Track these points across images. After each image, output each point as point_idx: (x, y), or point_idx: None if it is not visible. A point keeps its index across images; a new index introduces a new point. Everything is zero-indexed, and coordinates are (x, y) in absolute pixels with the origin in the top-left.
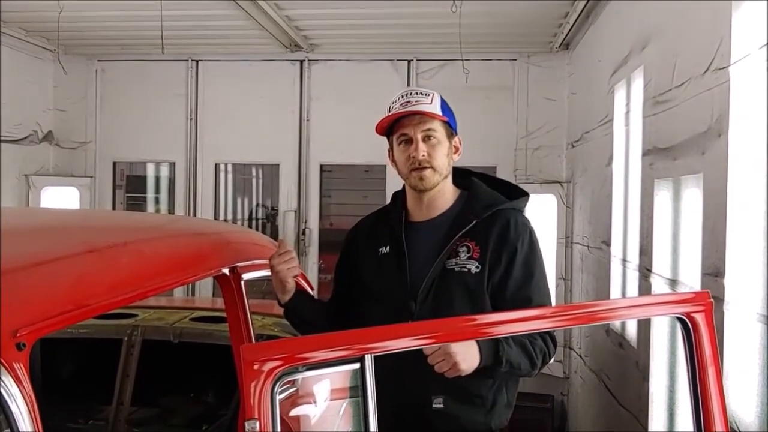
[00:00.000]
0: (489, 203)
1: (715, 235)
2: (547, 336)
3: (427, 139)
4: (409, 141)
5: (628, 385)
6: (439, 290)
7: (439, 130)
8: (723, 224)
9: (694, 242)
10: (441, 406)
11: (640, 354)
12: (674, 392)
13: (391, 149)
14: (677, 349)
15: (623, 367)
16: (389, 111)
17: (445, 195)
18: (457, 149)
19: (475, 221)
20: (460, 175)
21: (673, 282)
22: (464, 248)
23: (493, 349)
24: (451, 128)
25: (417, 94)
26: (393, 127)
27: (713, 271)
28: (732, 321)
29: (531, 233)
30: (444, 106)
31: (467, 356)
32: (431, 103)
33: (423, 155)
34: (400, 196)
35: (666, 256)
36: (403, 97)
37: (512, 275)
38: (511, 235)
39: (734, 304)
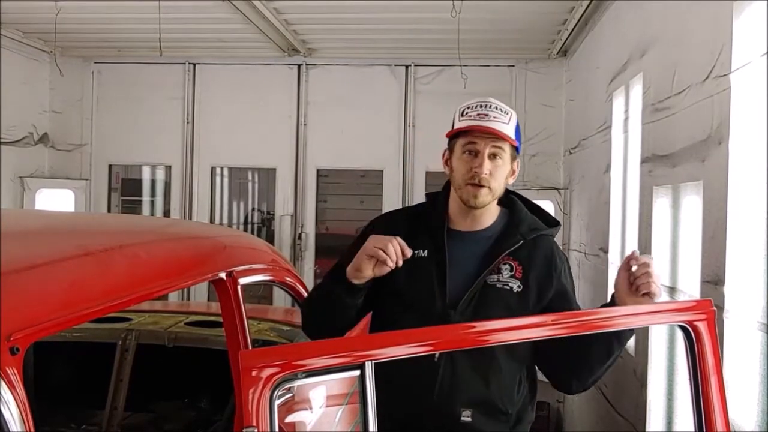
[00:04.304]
0: (534, 226)
1: (715, 243)
2: None
3: (493, 157)
4: (475, 153)
5: (626, 393)
6: (480, 304)
7: (507, 151)
8: (723, 232)
9: (694, 250)
10: (469, 419)
11: (638, 362)
12: (672, 400)
13: (450, 152)
14: (676, 357)
15: (621, 374)
16: (462, 114)
17: (490, 210)
18: (513, 172)
19: (522, 241)
20: None
21: (672, 290)
22: (507, 266)
23: None
24: (516, 153)
25: (497, 109)
26: (460, 132)
27: (713, 279)
28: (732, 329)
29: (568, 261)
30: (517, 129)
31: None
32: (508, 123)
33: (486, 173)
34: (440, 200)
35: (665, 264)
36: (482, 107)
37: (570, 303)
38: (558, 263)
39: (734, 312)
